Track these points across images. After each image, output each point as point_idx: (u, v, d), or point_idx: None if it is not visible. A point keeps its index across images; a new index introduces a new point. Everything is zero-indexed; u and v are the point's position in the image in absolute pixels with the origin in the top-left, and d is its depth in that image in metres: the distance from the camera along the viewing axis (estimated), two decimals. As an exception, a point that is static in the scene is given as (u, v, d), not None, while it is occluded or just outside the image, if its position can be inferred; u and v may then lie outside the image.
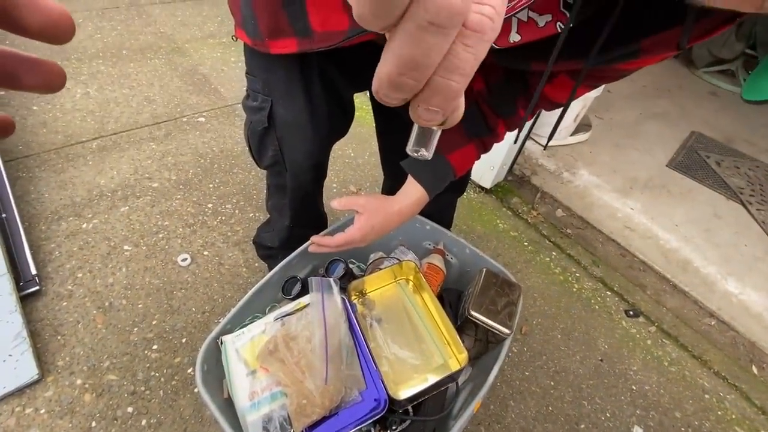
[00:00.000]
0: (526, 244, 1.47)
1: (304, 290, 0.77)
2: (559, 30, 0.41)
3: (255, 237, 1.04)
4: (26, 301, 1.02)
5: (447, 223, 1.01)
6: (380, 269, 0.81)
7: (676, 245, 1.41)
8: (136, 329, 1.03)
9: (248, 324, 0.71)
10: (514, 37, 0.45)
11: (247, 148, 0.79)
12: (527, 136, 1.61)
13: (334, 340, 0.61)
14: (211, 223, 1.31)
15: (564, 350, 1.16)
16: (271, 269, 1.03)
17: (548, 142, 0.66)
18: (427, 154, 0.21)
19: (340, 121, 0.75)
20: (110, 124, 1.58)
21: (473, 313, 0.70)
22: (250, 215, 1.36)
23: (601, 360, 1.15)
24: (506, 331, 0.70)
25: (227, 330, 0.68)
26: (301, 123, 0.68)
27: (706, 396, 1.12)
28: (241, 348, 0.64)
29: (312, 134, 0.70)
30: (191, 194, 1.39)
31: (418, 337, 0.70)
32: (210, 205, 1.37)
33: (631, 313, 1.30)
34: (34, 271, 1.06)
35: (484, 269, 0.78)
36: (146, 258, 1.18)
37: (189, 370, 0.98)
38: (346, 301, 0.67)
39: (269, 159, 0.76)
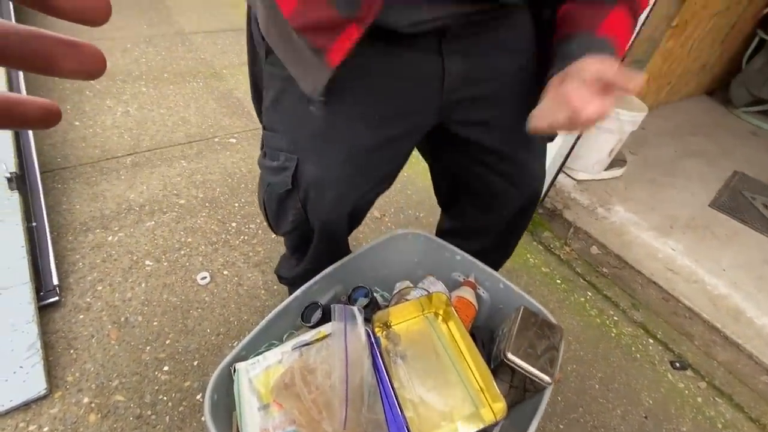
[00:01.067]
0: (558, 281, 1.38)
1: (325, 318, 0.72)
2: None
3: (277, 268, 0.96)
4: (44, 311, 1.01)
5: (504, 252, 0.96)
6: (407, 299, 0.75)
7: (725, 291, 1.30)
8: (148, 348, 0.99)
9: (264, 351, 0.66)
10: None
11: (262, 214, 0.70)
12: (560, 169, 1.55)
13: (356, 377, 0.55)
14: (234, 243, 1.29)
15: (603, 402, 1.05)
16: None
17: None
18: None
19: (391, 166, 0.67)
20: (145, 142, 1.62)
21: (510, 356, 0.63)
22: (272, 236, 1.34)
23: (646, 417, 1.04)
24: (547, 379, 0.63)
25: (241, 357, 0.63)
26: (340, 178, 0.60)
27: None
28: (255, 378, 0.59)
29: (353, 189, 0.62)
30: (216, 212, 1.38)
31: (448, 380, 0.64)
32: (234, 224, 1.36)
33: (678, 365, 1.18)
34: (56, 282, 1.05)
35: (522, 307, 0.71)
36: (166, 274, 1.16)
37: (198, 396, 0.92)
38: (371, 334, 0.62)
39: (289, 225, 0.68)
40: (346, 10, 0.43)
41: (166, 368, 0.96)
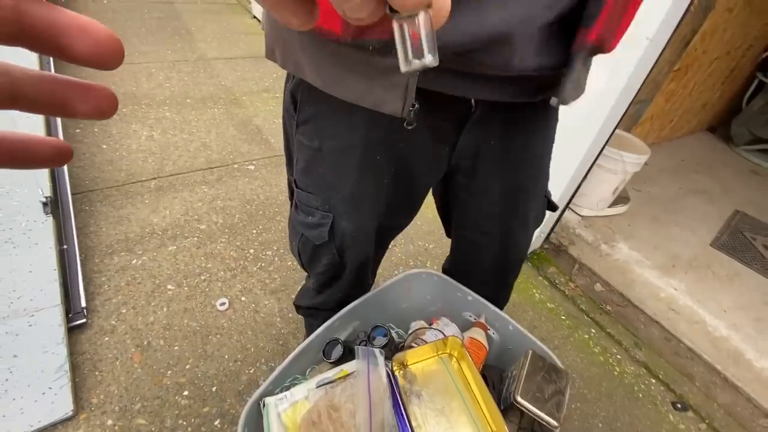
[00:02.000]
0: (563, 318, 1.42)
1: (346, 354, 0.77)
2: None
3: (296, 300, 0.97)
4: (71, 333, 1.06)
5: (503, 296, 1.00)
6: (422, 339, 0.80)
7: (725, 333, 1.33)
8: (169, 372, 1.04)
9: (288, 386, 0.71)
10: None
11: (296, 258, 0.74)
12: (567, 206, 1.61)
13: (378, 417, 0.59)
14: (251, 269, 1.35)
15: (605, 442, 1.08)
16: (308, 324, 1.03)
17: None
18: (431, 58, 0.16)
19: (413, 210, 0.75)
20: (168, 166, 1.70)
21: (520, 400, 0.68)
22: (289, 263, 1.39)
23: (647, 458, 1.06)
24: (554, 423, 0.67)
25: (269, 392, 0.68)
26: (372, 228, 0.66)
27: None
28: (283, 413, 0.64)
29: (382, 241, 0.70)
30: (235, 238, 1.44)
31: (460, 420, 0.68)
32: (252, 251, 1.41)
33: (679, 406, 1.20)
34: (83, 304, 1.10)
35: (530, 351, 0.76)
36: (187, 299, 1.21)
37: (216, 422, 0.96)
38: (391, 375, 0.67)
39: (322, 267, 0.71)
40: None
41: (186, 393, 1.00)
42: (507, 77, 0.50)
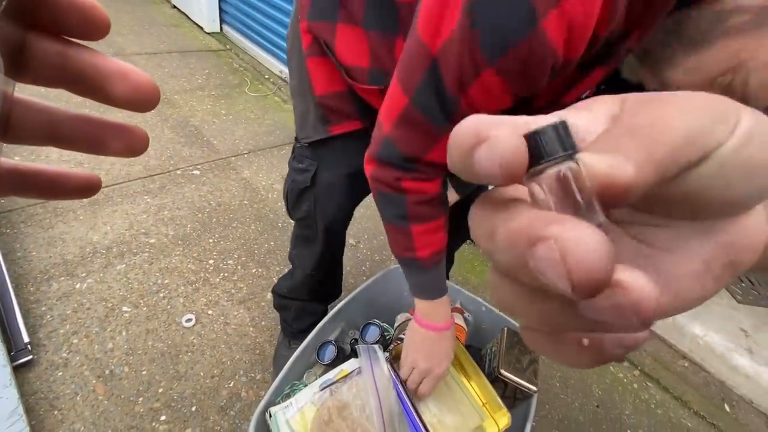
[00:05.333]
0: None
1: (340, 355, 0.79)
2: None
3: (274, 286, 1.05)
4: (18, 372, 0.94)
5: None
6: (409, 330, 0.85)
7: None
8: (141, 399, 0.97)
9: (288, 392, 0.71)
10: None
11: (284, 201, 0.87)
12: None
13: (386, 407, 0.63)
14: (214, 281, 1.29)
15: (563, 398, 1.23)
16: (283, 319, 1.05)
17: None
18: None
19: None
20: (101, 177, 1.54)
21: (503, 372, 0.76)
22: (253, 271, 1.36)
23: (597, 406, 1.23)
24: (534, 388, 0.76)
25: (272, 402, 0.68)
26: (344, 186, 0.77)
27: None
28: (292, 419, 0.65)
29: (349, 198, 0.80)
30: (191, 250, 1.37)
31: (455, 398, 0.74)
32: (211, 261, 1.35)
33: (617, 357, 1.40)
34: (26, 339, 0.99)
35: (505, 328, 0.84)
36: (147, 320, 1.14)
37: (201, 442, 0.93)
38: (392, 368, 0.70)
39: (302, 213, 0.84)
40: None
41: (163, 418, 0.95)
42: None
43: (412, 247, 0.58)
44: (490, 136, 0.12)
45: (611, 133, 0.12)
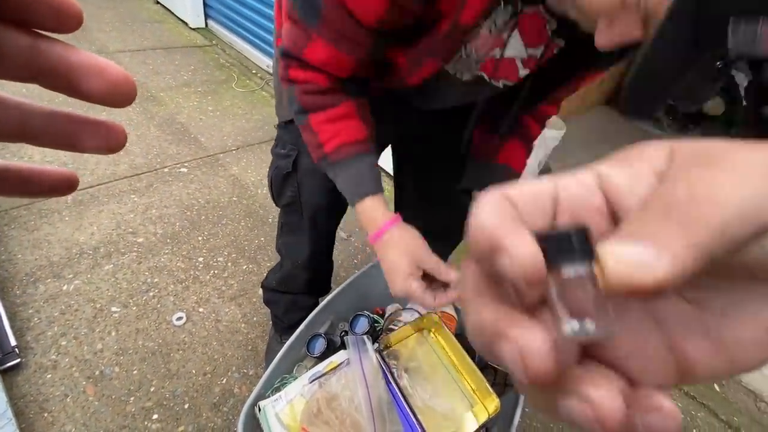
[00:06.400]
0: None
1: (330, 348, 0.79)
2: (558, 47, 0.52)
3: (264, 280, 1.05)
4: (6, 376, 0.93)
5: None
6: (399, 320, 0.85)
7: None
8: (132, 398, 0.97)
9: (278, 386, 0.71)
10: (523, 72, 0.55)
11: (268, 188, 0.88)
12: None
13: (375, 396, 0.63)
14: (204, 278, 1.28)
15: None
16: (274, 314, 1.04)
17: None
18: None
19: None
20: (86, 177, 1.52)
21: (493, 358, 0.76)
22: (244, 267, 1.35)
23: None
24: (523, 373, 0.76)
25: (261, 395, 0.68)
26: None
27: (681, 416, 1.24)
28: (281, 412, 0.64)
29: (328, 182, 0.78)
30: (180, 248, 1.36)
31: (445, 385, 0.74)
32: (201, 259, 1.34)
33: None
34: (13, 342, 0.97)
35: (495, 315, 0.84)
36: (137, 319, 1.13)
37: (195, 439, 0.93)
38: (380, 357, 0.70)
39: (287, 199, 0.85)
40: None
41: (155, 416, 0.95)
42: None
43: (318, 142, 0.58)
44: (507, 247, 0.12)
45: (649, 210, 0.12)
